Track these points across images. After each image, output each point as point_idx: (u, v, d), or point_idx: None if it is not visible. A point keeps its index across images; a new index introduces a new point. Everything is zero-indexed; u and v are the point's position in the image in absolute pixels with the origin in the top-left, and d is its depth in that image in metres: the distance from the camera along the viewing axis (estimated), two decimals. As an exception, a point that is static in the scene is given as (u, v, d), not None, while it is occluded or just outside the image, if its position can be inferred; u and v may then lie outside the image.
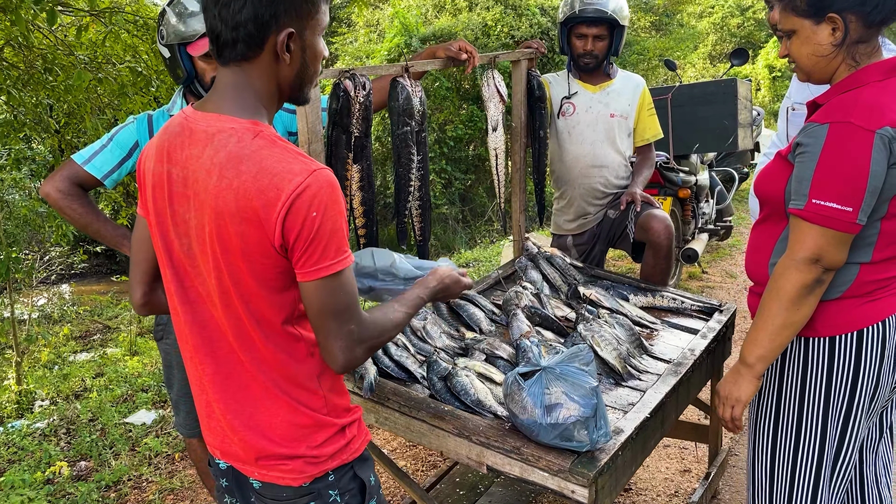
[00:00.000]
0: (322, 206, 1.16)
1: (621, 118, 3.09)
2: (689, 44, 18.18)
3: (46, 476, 3.60)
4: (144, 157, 1.32)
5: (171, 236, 1.28)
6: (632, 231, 2.88)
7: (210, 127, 1.21)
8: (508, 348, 2.17)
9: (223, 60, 1.24)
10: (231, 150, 1.18)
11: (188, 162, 1.22)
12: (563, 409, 1.62)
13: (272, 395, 1.30)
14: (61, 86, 6.23)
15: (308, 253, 1.18)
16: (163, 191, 1.26)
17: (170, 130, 1.27)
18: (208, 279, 1.25)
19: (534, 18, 12.71)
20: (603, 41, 3.00)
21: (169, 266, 1.30)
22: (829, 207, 1.55)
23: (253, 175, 1.15)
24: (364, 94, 2.01)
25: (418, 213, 2.35)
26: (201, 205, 1.21)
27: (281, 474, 1.31)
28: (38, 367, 6.57)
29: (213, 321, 1.29)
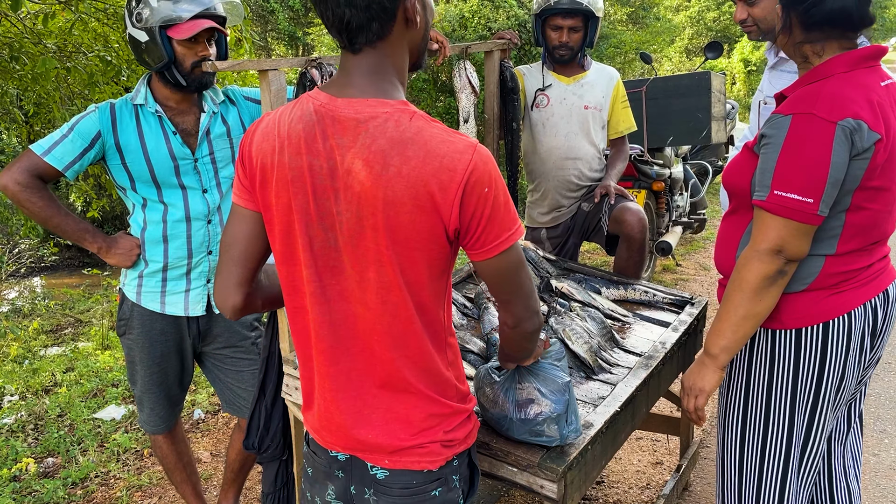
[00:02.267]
0: (491, 179, 1.17)
1: (595, 110, 3.07)
2: (665, 37, 18.26)
3: (13, 473, 3.53)
4: (269, 149, 1.21)
5: (315, 230, 1.20)
6: (605, 224, 2.88)
7: (360, 113, 1.15)
8: (479, 342, 2.15)
9: (356, 47, 1.18)
10: (392, 136, 1.13)
11: (334, 152, 1.16)
12: (535, 406, 1.60)
13: (412, 389, 1.28)
14: (28, 75, 6.09)
15: (489, 229, 1.17)
16: (304, 184, 1.18)
17: (299, 118, 1.18)
18: (361, 273, 1.20)
19: (511, 10, 12.65)
20: (578, 33, 2.98)
21: (311, 264, 1.22)
22: (791, 199, 1.55)
23: (422, 159, 1.12)
24: (331, 84, 1.97)
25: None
26: (356, 197, 1.15)
27: (417, 458, 1.30)
28: (7, 362, 6.44)
29: (352, 319, 1.24)
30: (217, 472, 3.30)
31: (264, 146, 1.22)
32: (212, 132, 2.23)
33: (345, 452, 1.35)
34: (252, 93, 2.33)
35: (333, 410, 1.32)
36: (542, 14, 2.96)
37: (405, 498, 1.31)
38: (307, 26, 17.07)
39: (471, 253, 1.21)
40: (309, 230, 1.21)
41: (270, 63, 1.83)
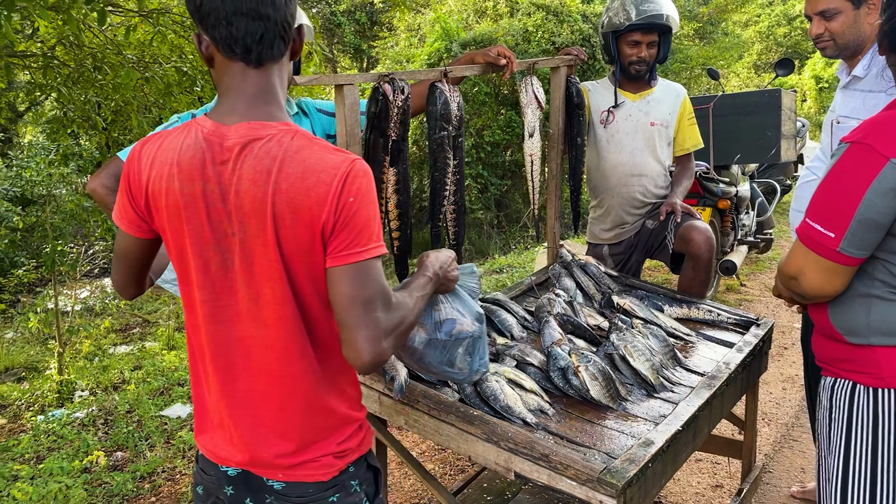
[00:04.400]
0: (360, 192, 1.18)
1: (661, 127, 3.06)
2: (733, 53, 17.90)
3: (84, 465, 3.69)
4: (154, 177, 1.24)
5: (209, 254, 1.24)
6: (671, 242, 2.85)
7: (244, 137, 1.20)
8: (539, 355, 2.16)
9: (257, 62, 1.22)
10: (275, 155, 1.18)
11: (223, 176, 1.20)
12: (457, 325, 1.58)
13: (307, 406, 1.31)
14: (109, 84, 6.38)
15: (342, 237, 1.18)
16: (197, 209, 1.22)
17: (188, 146, 1.22)
18: (256, 291, 1.24)
19: (575, 25, 12.63)
20: (654, 48, 2.98)
21: (206, 286, 1.27)
22: (814, 229, 1.48)
23: (300, 175, 1.16)
24: (402, 99, 2.03)
25: (453, 218, 2.36)
26: (247, 216, 1.19)
27: (310, 472, 1.33)
28: (79, 359, 6.73)
29: (249, 339, 1.27)
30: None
31: (152, 174, 1.25)
32: None
33: (237, 468, 1.37)
34: (326, 105, 2.40)
35: (231, 428, 1.34)
36: (623, 30, 2.95)
37: (303, 499, 1.35)
38: (372, 39, 17.37)
39: (328, 259, 1.21)
40: (204, 253, 1.24)
41: (346, 78, 1.90)
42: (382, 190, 2.11)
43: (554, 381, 2.06)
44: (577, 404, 2.02)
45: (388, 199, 2.13)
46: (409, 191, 2.18)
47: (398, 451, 2.07)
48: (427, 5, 14.53)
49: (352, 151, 1.96)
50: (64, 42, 6.34)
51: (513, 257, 8.20)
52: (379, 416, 2.08)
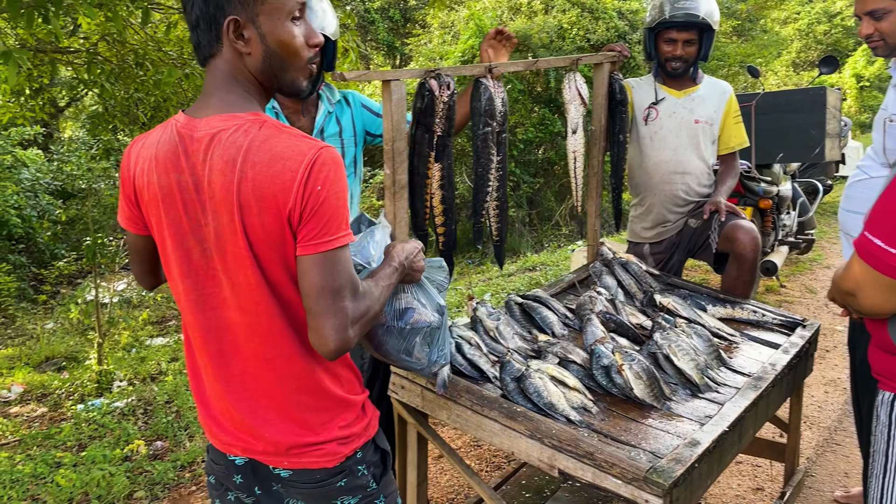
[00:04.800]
0: (327, 180, 1.19)
1: (706, 124, 3.01)
2: (772, 50, 17.61)
3: (125, 453, 3.76)
4: (136, 173, 1.31)
5: (190, 244, 1.28)
6: (714, 241, 2.81)
7: (213, 128, 1.22)
8: (582, 353, 2.15)
9: (201, 62, 1.28)
10: (240, 144, 1.19)
11: (195, 168, 1.23)
12: (415, 314, 1.58)
13: (300, 388, 1.33)
14: (150, 80, 6.48)
15: (310, 226, 1.19)
16: (175, 200, 1.26)
17: (164, 141, 1.27)
18: (233, 279, 1.26)
19: (611, 22, 12.52)
20: (692, 46, 2.94)
21: (189, 275, 1.30)
22: (874, 244, 1.40)
23: (266, 163, 1.18)
24: (448, 94, 2.03)
25: (496, 214, 2.36)
26: (221, 204, 1.21)
27: (315, 459, 1.35)
28: (118, 349, 6.86)
29: (235, 325, 1.30)
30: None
31: (137, 169, 1.30)
32: (325, 131, 2.30)
33: (243, 456, 1.39)
34: (372, 104, 2.40)
35: (233, 413, 1.36)
36: (657, 27, 2.93)
37: (311, 489, 1.37)
38: (405, 37, 17.42)
39: (298, 247, 1.21)
40: (185, 243, 1.28)
41: (393, 73, 1.90)
42: (427, 185, 2.11)
43: (597, 379, 2.04)
44: (620, 403, 2.01)
45: (432, 195, 2.13)
46: (454, 186, 2.18)
47: (440, 446, 2.07)
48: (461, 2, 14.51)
49: (398, 146, 1.97)
50: (107, 39, 6.45)
51: (546, 255, 8.16)
52: (421, 411, 2.08)
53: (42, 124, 13.36)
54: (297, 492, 1.38)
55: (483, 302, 2.30)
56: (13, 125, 11.22)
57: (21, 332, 8.86)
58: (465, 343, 2.11)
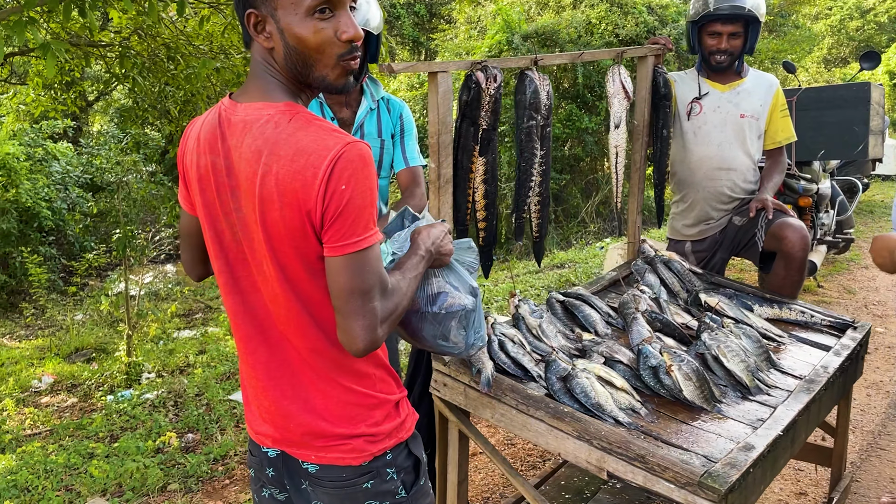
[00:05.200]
0: (352, 178, 1.13)
1: (752, 119, 2.93)
2: (804, 46, 17.29)
3: (157, 445, 3.77)
4: (185, 151, 1.32)
5: (221, 226, 1.27)
6: (761, 239, 2.73)
7: (248, 116, 1.21)
8: (628, 352, 2.10)
9: (245, 46, 1.28)
10: (268, 136, 1.17)
11: (229, 152, 1.22)
12: (449, 298, 1.53)
13: (326, 378, 1.29)
14: (181, 74, 6.50)
15: (336, 227, 1.15)
16: (210, 182, 1.26)
17: (208, 122, 1.27)
18: (259, 266, 1.25)
19: (640, 17, 12.37)
20: (738, 39, 2.86)
21: (220, 256, 1.30)
22: None
23: (291, 157, 1.14)
24: (495, 87, 1.98)
25: (537, 210, 2.31)
26: (245, 193, 1.21)
27: (341, 455, 1.30)
28: (146, 342, 6.91)
29: (264, 309, 1.28)
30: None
31: (187, 148, 1.31)
32: (365, 126, 2.27)
33: (274, 448, 1.37)
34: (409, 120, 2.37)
35: (262, 399, 1.34)
36: (702, 20, 2.86)
37: (337, 489, 1.32)
38: (430, 32, 17.37)
39: (325, 248, 1.18)
40: (216, 224, 1.28)
41: (440, 65, 1.87)
42: (471, 180, 2.07)
43: (644, 379, 1.99)
44: (669, 404, 1.96)
45: (475, 189, 2.09)
46: (497, 181, 2.14)
47: (482, 445, 2.04)
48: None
49: (443, 140, 1.93)
50: (139, 32, 6.49)
51: (574, 253, 8.09)
52: (463, 409, 2.05)
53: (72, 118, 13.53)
54: (324, 491, 1.34)
55: (525, 299, 2.25)
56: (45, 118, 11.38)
57: (51, 322, 8.98)
58: (509, 341, 2.06)
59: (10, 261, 10.16)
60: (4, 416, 5.06)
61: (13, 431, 4.65)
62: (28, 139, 11.46)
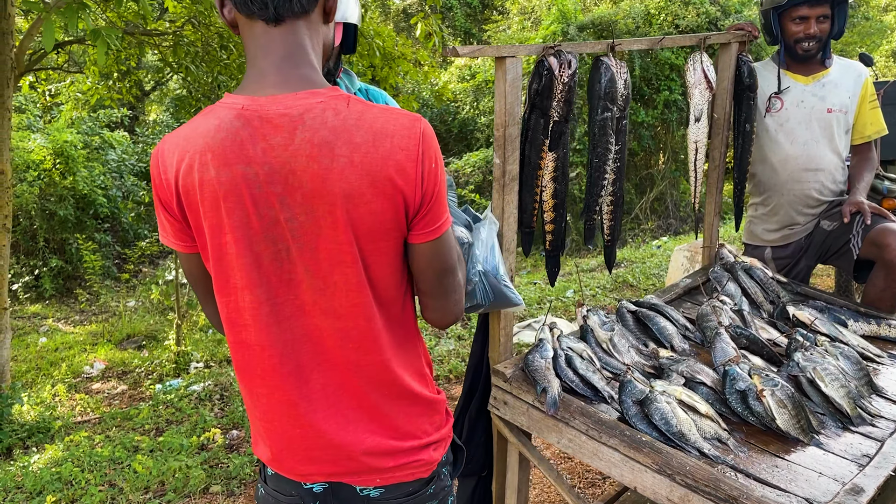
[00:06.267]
0: (437, 155, 1.09)
1: (840, 113, 2.65)
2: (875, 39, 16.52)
3: (201, 441, 3.69)
4: (183, 171, 1.05)
5: (259, 247, 1.07)
6: (856, 246, 2.46)
7: (291, 108, 1.03)
8: (712, 373, 1.88)
9: (276, 19, 1.04)
10: (333, 125, 1.02)
11: (269, 155, 1.02)
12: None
13: (391, 393, 1.19)
14: (234, 63, 6.46)
15: (432, 209, 1.09)
16: (239, 197, 1.04)
17: (219, 128, 1.04)
18: (325, 279, 1.08)
19: (701, 7, 11.95)
20: (826, 22, 2.59)
21: (256, 285, 1.09)
22: None
23: (372, 143, 1.02)
24: (569, 74, 1.78)
25: (609, 211, 2.11)
26: (307, 197, 1.03)
27: (412, 471, 1.22)
28: (196, 331, 6.91)
29: (317, 332, 1.12)
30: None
31: (180, 168, 1.05)
32: None
33: (325, 481, 1.23)
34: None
35: (315, 433, 1.18)
36: (787, 5, 2.58)
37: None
38: (483, 23, 17.15)
39: (414, 234, 1.10)
40: (253, 247, 1.07)
41: (509, 49, 1.68)
42: (539, 177, 1.88)
43: (731, 404, 1.78)
44: (759, 434, 1.74)
45: (543, 188, 1.89)
46: (568, 179, 1.94)
47: (545, 470, 1.85)
48: (543, -13, 14.14)
49: (510, 132, 1.74)
50: (193, 21, 6.46)
51: (629, 251, 7.81)
52: (524, 430, 1.86)
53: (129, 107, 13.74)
54: None
55: (595, 309, 2.05)
56: (101, 107, 11.56)
57: (104, 309, 9.12)
58: (577, 357, 1.87)
59: (66, 247, 10.35)
60: (56, 402, 5.09)
61: (63, 418, 4.66)
62: (86, 127, 11.67)
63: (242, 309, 1.12)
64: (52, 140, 10.36)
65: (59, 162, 10.46)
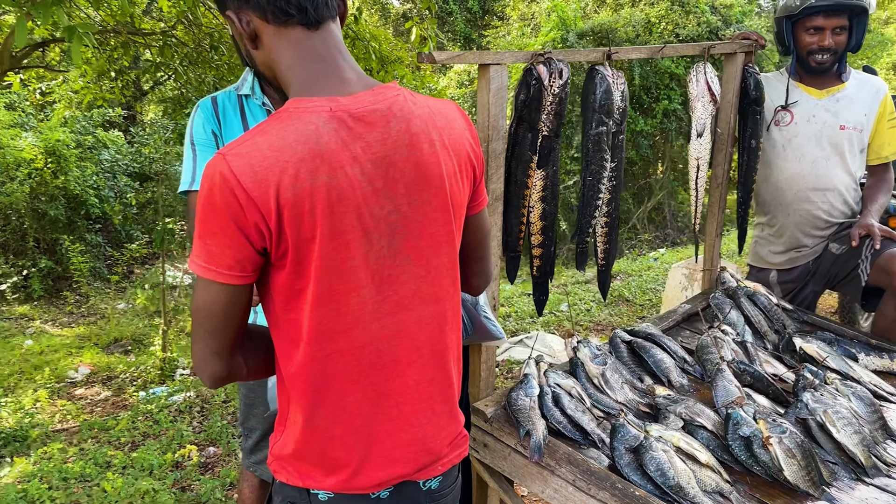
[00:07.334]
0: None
1: (854, 130, 2.49)
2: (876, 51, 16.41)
3: (176, 458, 3.53)
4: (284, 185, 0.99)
5: (367, 247, 1.05)
6: (866, 273, 2.30)
7: (377, 104, 1.05)
8: (712, 414, 1.71)
9: (316, 22, 1.06)
10: (417, 113, 1.08)
11: (368, 153, 1.03)
12: None
13: (458, 374, 1.24)
14: (225, 65, 6.34)
15: (483, 180, 1.21)
16: (351, 201, 1.02)
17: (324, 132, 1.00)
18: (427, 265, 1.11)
19: (702, 17, 11.83)
20: (842, 34, 2.42)
21: (362, 285, 1.07)
22: None
23: (448, 125, 1.11)
24: (560, 85, 1.62)
25: (604, 233, 1.94)
26: (412, 185, 1.07)
27: (461, 449, 1.26)
28: (182, 336, 6.76)
29: (415, 325, 1.13)
30: None
31: (281, 182, 0.98)
32: None
33: (390, 486, 1.18)
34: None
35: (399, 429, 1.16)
36: (800, 14, 2.42)
37: (452, 492, 1.27)
38: (483, 28, 17.01)
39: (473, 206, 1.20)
40: (362, 247, 1.06)
41: (493, 56, 1.51)
42: (525, 196, 1.71)
43: (734, 451, 1.61)
44: (763, 485, 1.57)
45: (530, 209, 1.73)
46: (557, 199, 1.77)
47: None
48: (542, -6, 14.02)
49: (493, 148, 1.58)
50: (184, 21, 6.31)
51: (626, 263, 7.65)
52: (506, 476, 1.69)
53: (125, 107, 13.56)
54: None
55: (586, 341, 1.89)
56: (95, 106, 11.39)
57: (93, 311, 8.94)
58: (565, 394, 1.70)
59: (57, 247, 10.18)
60: (36, 409, 4.93)
61: (42, 426, 4.49)
62: (79, 126, 11.49)
63: (346, 314, 1.07)
64: (44, 139, 10.20)
65: (51, 161, 10.29)
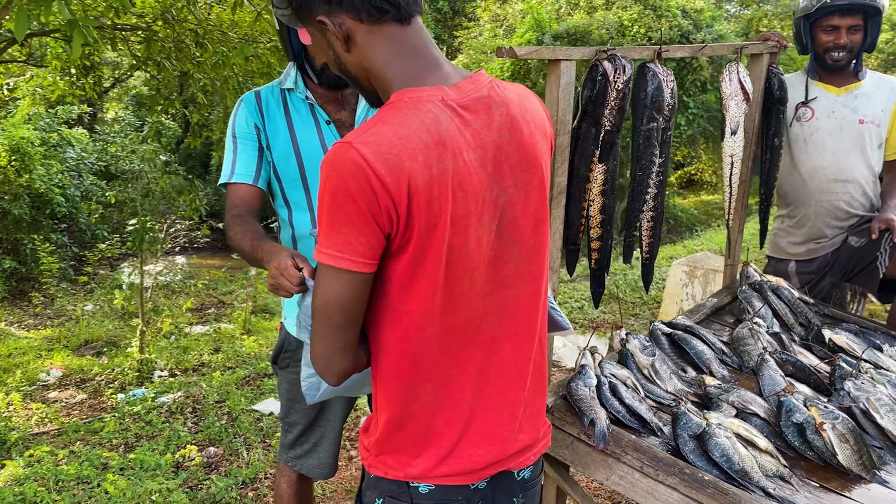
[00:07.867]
0: None
1: (872, 125, 2.58)
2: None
3: (176, 459, 3.47)
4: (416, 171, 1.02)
5: (479, 231, 1.09)
6: (884, 265, 2.39)
7: (478, 91, 1.10)
8: (763, 403, 1.76)
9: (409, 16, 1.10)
10: (511, 99, 1.13)
11: (478, 139, 1.08)
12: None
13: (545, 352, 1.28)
14: (208, 61, 6.23)
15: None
16: (469, 186, 1.06)
17: (443, 120, 1.05)
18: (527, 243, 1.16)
19: (674, 20, 12.06)
20: (857, 33, 2.52)
21: (474, 267, 1.10)
22: None
23: (534, 107, 1.17)
24: (623, 80, 1.65)
25: (649, 227, 1.98)
26: (517, 167, 1.12)
27: (547, 439, 1.30)
28: (160, 337, 6.62)
29: (516, 301, 1.16)
30: None
31: (414, 169, 1.02)
32: None
33: (489, 476, 1.20)
34: None
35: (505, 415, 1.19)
36: (817, 13, 2.51)
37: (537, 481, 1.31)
38: (453, 29, 17.07)
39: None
40: (477, 230, 1.10)
41: (564, 52, 1.54)
42: (587, 190, 1.74)
43: (787, 438, 1.66)
44: (817, 469, 1.62)
45: (591, 202, 1.76)
46: (615, 193, 1.80)
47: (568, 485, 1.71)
48: (515, -5, 14.12)
49: (560, 142, 1.61)
50: (166, 17, 6.20)
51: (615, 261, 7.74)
52: (564, 462, 1.72)
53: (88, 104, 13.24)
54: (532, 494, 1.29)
55: (634, 333, 1.92)
56: (60, 103, 11.10)
57: (60, 312, 8.70)
58: (621, 384, 1.73)
59: (20, 247, 9.89)
60: (10, 412, 4.77)
61: (20, 429, 4.35)
62: (43, 124, 11.18)
63: (458, 296, 1.10)
64: (8, 136, 9.89)
65: (15, 159, 10.00)
